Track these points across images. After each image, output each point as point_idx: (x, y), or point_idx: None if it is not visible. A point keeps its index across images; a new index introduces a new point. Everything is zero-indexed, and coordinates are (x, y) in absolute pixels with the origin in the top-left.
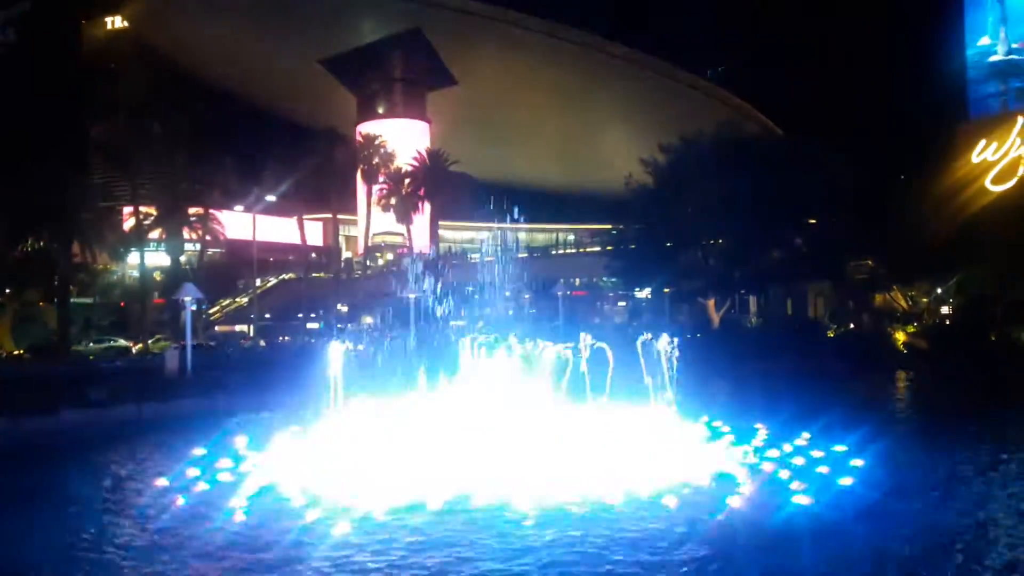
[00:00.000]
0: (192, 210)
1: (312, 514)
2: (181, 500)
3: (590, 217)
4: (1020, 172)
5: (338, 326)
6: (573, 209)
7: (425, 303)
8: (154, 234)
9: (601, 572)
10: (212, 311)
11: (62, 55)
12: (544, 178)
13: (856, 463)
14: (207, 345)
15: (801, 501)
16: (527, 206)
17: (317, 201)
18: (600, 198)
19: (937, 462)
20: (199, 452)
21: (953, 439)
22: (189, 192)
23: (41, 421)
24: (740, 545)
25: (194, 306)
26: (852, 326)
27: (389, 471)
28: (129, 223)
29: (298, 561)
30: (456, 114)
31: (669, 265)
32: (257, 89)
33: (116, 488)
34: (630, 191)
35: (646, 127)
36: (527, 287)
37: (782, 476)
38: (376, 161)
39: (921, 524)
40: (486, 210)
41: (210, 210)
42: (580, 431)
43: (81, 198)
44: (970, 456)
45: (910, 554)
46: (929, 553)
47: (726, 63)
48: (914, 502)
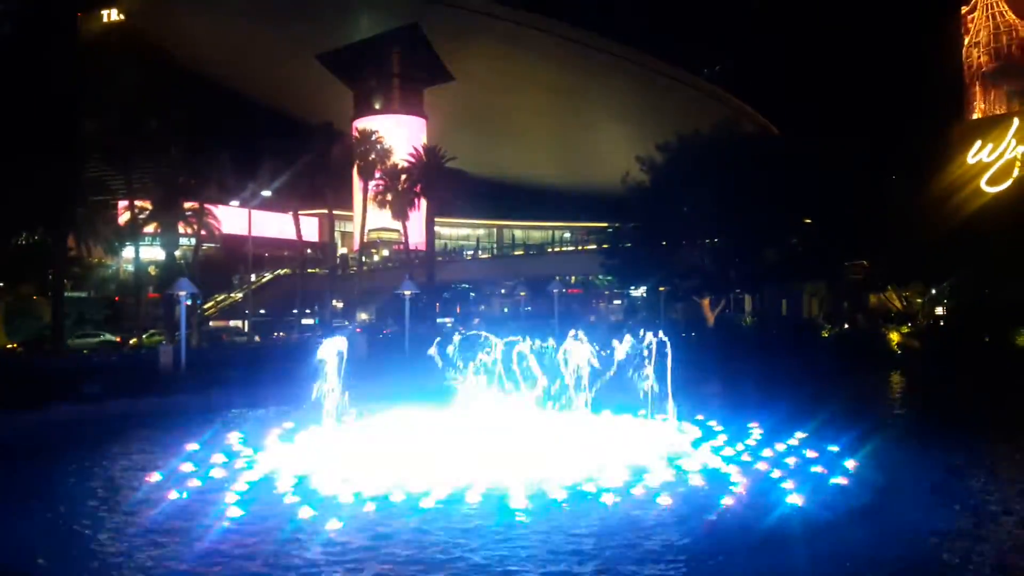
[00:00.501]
0: (187, 204)
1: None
2: (175, 494)
3: (586, 215)
4: (1015, 174)
5: (334, 323)
6: (569, 207)
7: (420, 301)
8: (149, 228)
9: None
10: (207, 306)
11: (57, 48)
12: (541, 175)
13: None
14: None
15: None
16: (523, 203)
17: (313, 197)
18: (597, 196)
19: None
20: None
21: (933, 445)
22: (185, 186)
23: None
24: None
25: (188, 301)
26: (847, 326)
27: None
28: (124, 217)
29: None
30: (453, 111)
31: (665, 264)
32: (254, 84)
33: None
34: (627, 189)
35: (643, 125)
36: (523, 285)
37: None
38: (372, 157)
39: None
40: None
41: (206, 205)
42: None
43: (76, 192)
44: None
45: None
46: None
47: (724, 62)
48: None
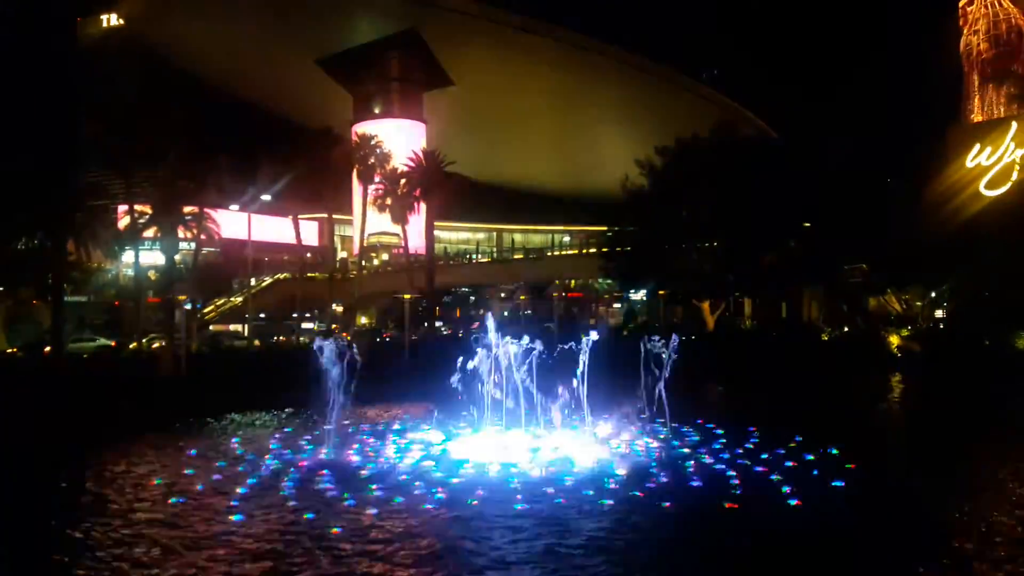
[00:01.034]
0: (187, 209)
1: None
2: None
3: (586, 219)
4: (1014, 177)
5: (333, 327)
6: (569, 210)
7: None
8: (149, 233)
9: None
10: (207, 310)
11: (57, 52)
12: (540, 179)
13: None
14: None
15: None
16: (523, 207)
17: (312, 201)
18: (596, 200)
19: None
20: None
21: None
22: (184, 191)
23: None
24: None
25: (188, 305)
26: (846, 329)
27: None
28: (124, 222)
29: None
30: (452, 115)
31: (664, 267)
32: (253, 88)
33: None
34: (626, 193)
35: (642, 129)
36: (523, 288)
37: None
38: (372, 161)
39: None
40: (482, 211)
41: (205, 209)
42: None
43: (76, 196)
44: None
45: None
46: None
47: (722, 66)
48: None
